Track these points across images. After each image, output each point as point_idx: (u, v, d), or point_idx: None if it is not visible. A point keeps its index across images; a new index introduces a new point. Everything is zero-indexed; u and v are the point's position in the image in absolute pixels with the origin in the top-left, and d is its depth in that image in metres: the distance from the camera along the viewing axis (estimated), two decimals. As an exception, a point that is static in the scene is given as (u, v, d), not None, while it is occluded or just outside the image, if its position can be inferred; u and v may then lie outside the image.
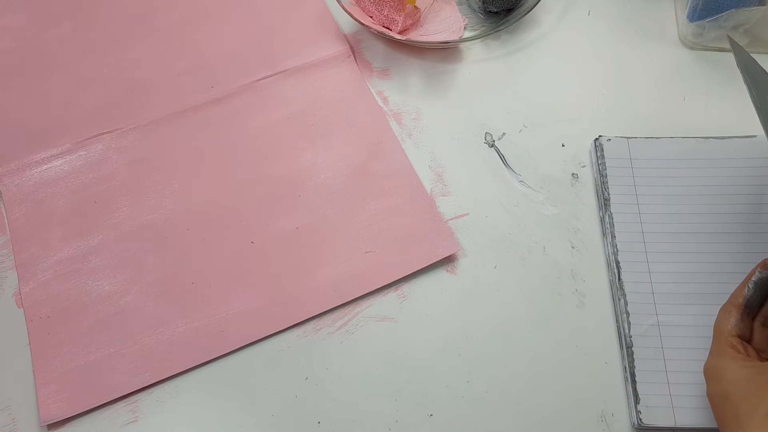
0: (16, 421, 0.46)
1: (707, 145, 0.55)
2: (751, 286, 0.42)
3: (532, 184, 0.56)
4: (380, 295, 0.51)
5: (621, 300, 0.49)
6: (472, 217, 0.54)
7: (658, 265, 0.50)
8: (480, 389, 0.47)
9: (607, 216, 0.52)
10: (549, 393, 0.47)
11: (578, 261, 0.52)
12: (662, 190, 0.53)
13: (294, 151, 0.57)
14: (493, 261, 0.52)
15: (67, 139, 0.57)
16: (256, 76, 0.61)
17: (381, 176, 0.55)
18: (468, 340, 0.49)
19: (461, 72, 0.62)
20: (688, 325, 0.48)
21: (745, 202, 0.52)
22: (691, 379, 0.45)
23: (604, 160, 0.54)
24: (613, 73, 0.62)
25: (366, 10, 0.62)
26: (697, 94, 0.60)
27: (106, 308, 0.50)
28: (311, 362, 0.48)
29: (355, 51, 0.63)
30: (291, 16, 0.65)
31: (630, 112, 0.59)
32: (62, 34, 0.64)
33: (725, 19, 0.58)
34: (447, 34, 0.62)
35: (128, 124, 0.58)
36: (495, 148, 0.58)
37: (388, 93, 0.61)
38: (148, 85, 0.61)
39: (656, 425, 0.44)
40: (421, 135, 0.58)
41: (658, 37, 0.64)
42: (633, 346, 0.47)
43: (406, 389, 0.47)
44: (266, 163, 0.56)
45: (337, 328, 0.49)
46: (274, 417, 0.46)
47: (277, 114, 0.59)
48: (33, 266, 0.51)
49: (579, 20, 0.65)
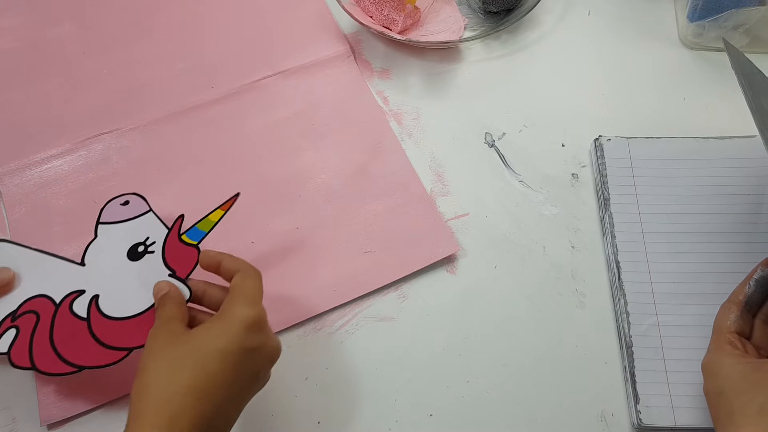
0: (16, 421, 0.46)
1: (707, 145, 0.55)
2: (752, 284, 0.43)
3: (532, 184, 0.56)
4: (380, 295, 0.51)
5: (621, 300, 0.49)
6: (472, 217, 0.54)
7: (658, 265, 0.50)
8: (480, 389, 0.47)
9: (607, 216, 0.52)
10: (549, 393, 0.47)
11: (578, 261, 0.52)
12: (662, 190, 0.53)
13: (294, 151, 0.57)
14: (493, 261, 0.52)
15: (67, 139, 0.57)
16: (256, 76, 0.61)
17: (381, 176, 0.55)
18: (468, 340, 0.49)
19: (461, 72, 0.62)
20: (688, 324, 0.48)
21: (745, 202, 0.52)
22: (691, 379, 0.45)
23: (604, 160, 0.54)
24: (613, 73, 0.62)
25: (366, 10, 0.62)
26: (697, 94, 0.60)
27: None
28: (311, 362, 0.48)
29: (355, 51, 0.63)
30: (291, 16, 0.65)
31: (630, 112, 0.59)
32: (62, 34, 0.64)
33: (725, 19, 0.59)
34: (447, 34, 0.62)
35: (128, 124, 0.58)
36: (495, 148, 0.58)
37: (388, 93, 0.61)
38: (148, 85, 0.61)
39: (656, 425, 0.44)
40: (421, 135, 0.58)
41: (658, 37, 0.64)
42: (633, 346, 0.47)
43: (406, 389, 0.47)
44: (266, 163, 0.56)
45: (337, 328, 0.49)
46: (274, 417, 0.46)
47: (277, 114, 0.59)
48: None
49: (579, 20, 0.65)
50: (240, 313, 0.38)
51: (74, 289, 0.45)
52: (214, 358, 0.37)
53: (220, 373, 0.36)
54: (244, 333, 0.38)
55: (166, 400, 0.35)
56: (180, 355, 0.37)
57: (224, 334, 0.38)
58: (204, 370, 0.36)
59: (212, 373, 0.36)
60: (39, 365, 0.43)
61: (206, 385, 0.36)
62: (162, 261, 0.46)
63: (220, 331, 0.38)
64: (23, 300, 0.44)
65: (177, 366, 0.36)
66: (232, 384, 0.37)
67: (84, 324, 0.44)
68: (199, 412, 0.35)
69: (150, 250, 0.46)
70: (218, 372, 0.36)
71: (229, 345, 0.37)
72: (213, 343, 0.37)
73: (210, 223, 0.46)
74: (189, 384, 0.36)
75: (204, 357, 0.37)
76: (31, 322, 0.44)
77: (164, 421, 0.34)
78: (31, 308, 0.44)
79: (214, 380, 0.36)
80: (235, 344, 0.37)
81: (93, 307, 0.44)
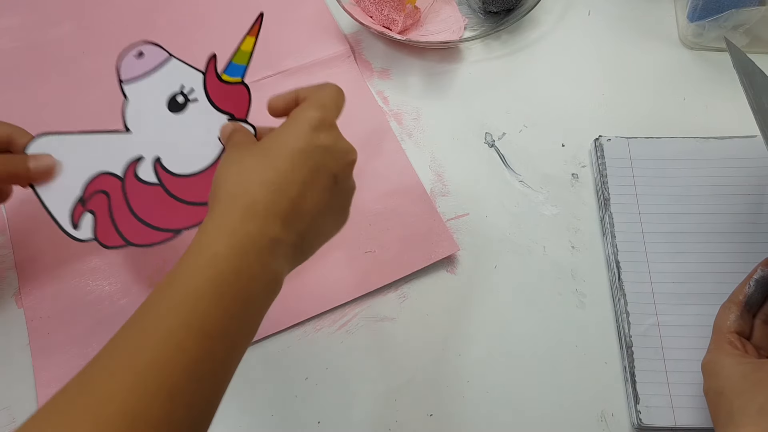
0: (16, 421, 0.46)
1: (707, 145, 0.55)
2: (752, 283, 0.43)
3: (532, 184, 0.55)
4: (380, 295, 0.51)
5: (621, 300, 0.49)
6: (472, 217, 0.54)
7: (658, 265, 0.50)
8: (480, 389, 0.47)
9: (607, 216, 0.52)
10: (549, 393, 0.47)
11: (578, 261, 0.52)
12: (662, 190, 0.53)
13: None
14: (493, 261, 0.52)
15: (67, 139, 0.57)
16: (255, 76, 0.61)
17: (381, 176, 0.55)
18: (468, 339, 0.49)
19: (461, 72, 0.62)
20: (688, 325, 0.48)
21: (745, 202, 0.52)
22: (691, 379, 0.45)
23: (605, 160, 0.54)
24: (614, 73, 0.62)
25: (366, 10, 0.62)
26: (697, 94, 0.60)
27: (106, 308, 0.50)
28: (311, 362, 0.48)
29: (355, 51, 0.63)
30: (291, 16, 0.65)
31: (630, 112, 0.59)
32: (62, 34, 0.64)
33: (725, 19, 0.58)
34: (447, 34, 0.62)
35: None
36: (495, 148, 0.58)
37: (388, 93, 0.61)
38: (148, 85, 0.61)
39: (656, 425, 0.44)
40: (421, 135, 0.58)
41: (658, 37, 0.64)
42: (633, 346, 0.47)
43: (406, 389, 0.47)
44: (266, 162, 0.56)
45: (337, 328, 0.49)
46: (274, 417, 0.46)
47: (277, 114, 0.59)
48: (33, 266, 0.51)
49: (579, 20, 0.65)
50: (306, 114, 0.37)
51: (131, 158, 0.43)
52: (282, 155, 0.35)
53: (290, 168, 0.35)
54: (311, 131, 0.36)
55: (238, 192, 0.34)
56: (249, 160, 0.36)
57: (291, 133, 0.36)
58: (273, 167, 0.35)
59: (282, 169, 0.35)
60: (132, 239, 0.42)
61: (277, 179, 0.34)
62: (211, 105, 0.43)
63: (286, 132, 0.36)
64: (84, 183, 0.43)
65: (247, 168, 0.35)
66: (305, 183, 0.35)
67: (158, 188, 0.43)
68: (274, 203, 0.34)
69: (191, 98, 0.43)
70: (288, 168, 0.35)
71: (297, 142, 0.36)
72: (279, 142, 0.36)
73: (245, 54, 0.44)
74: (260, 179, 0.34)
75: (272, 156, 0.35)
76: (104, 202, 0.42)
77: (239, 209, 0.33)
78: (97, 188, 0.43)
79: (285, 175, 0.35)
80: (302, 141, 0.36)
81: (159, 169, 0.43)
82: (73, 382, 0.28)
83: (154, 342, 0.28)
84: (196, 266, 0.31)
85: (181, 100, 0.43)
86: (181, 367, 0.28)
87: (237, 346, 0.32)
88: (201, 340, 0.29)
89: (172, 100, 0.43)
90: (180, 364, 0.28)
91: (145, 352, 0.28)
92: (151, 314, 0.30)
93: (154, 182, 0.43)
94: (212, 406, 0.30)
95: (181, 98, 0.43)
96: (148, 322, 0.30)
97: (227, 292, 0.31)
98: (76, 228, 0.42)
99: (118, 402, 0.27)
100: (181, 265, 0.32)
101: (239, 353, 0.32)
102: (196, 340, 0.29)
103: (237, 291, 0.31)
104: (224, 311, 0.30)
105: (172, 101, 0.43)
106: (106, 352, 0.29)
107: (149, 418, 0.27)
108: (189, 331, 0.29)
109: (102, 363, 0.29)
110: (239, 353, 0.32)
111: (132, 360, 0.28)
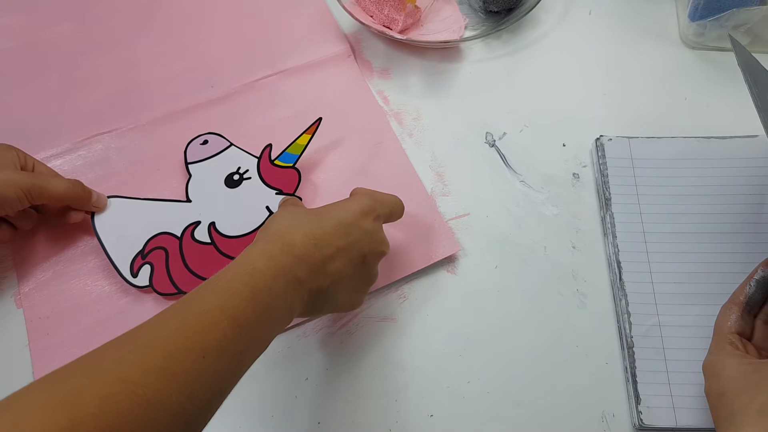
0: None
1: (709, 145, 0.55)
2: (753, 284, 0.43)
3: (533, 184, 0.55)
4: (380, 295, 0.51)
5: (622, 300, 0.49)
6: (472, 217, 0.54)
7: (660, 265, 0.50)
8: (480, 389, 0.47)
9: (608, 216, 0.52)
10: (549, 393, 0.47)
11: (579, 261, 0.52)
12: (663, 190, 0.53)
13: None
14: (494, 261, 0.52)
15: (67, 138, 0.57)
16: (256, 75, 0.61)
17: (381, 176, 0.55)
18: (468, 340, 0.49)
19: (462, 72, 0.62)
20: (689, 325, 0.47)
21: (747, 202, 0.52)
22: (692, 380, 0.45)
23: (605, 159, 0.54)
24: (615, 72, 0.62)
25: (366, 9, 0.62)
26: (698, 93, 0.60)
27: (106, 308, 0.50)
28: (311, 362, 0.48)
29: (355, 50, 0.63)
30: (291, 16, 0.65)
31: (631, 111, 0.59)
32: (62, 34, 0.64)
33: (726, 19, 0.58)
34: (447, 34, 0.62)
35: (128, 123, 0.58)
36: (496, 147, 0.58)
37: (389, 93, 0.61)
38: (147, 84, 0.61)
39: (657, 425, 0.44)
40: (422, 135, 0.58)
41: (659, 36, 0.64)
42: (634, 346, 0.47)
43: (406, 389, 0.47)
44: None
45: (338, 328, 0.49)
46: (274, 417, 0.46)
47: (277, 113, 0.59)
48: (33, 266, 0.51)
49: (580, 20, 0.65)
50: (363, 199, 0.43)
51: (190, 222, 0.51)
52: (330, 222, 0.41)
53: (332, 233, 0.40)
54: (360, 214, 0.42)
55: (284, 232, 0.39)
56: (301, 216, 0.41)
57: (343, 209, 0.42)
58: (318, 226, 0.40)
59: (325, 231, 0.40)
60: (184, 288, 0.49)
61: (318, 236, 0.39)
62: (263, 183, 0.52)
63: (340, 206, 0.42)
64: (146, 240, 0.50)
65: (298, 220, 0.41)
66: (340, 249, 0.40)
67: (210, 247, 0.50)
68: (309, 252, 0.39)
69: (246, 177, 0.53)
70: (330, 232, 0.40)
71: (346, 217, 0.41)
72: (331, 211, 0.42)
73: (299, 147, 0.53)
74: (304, 231, 0.39)
75: (321, 219, 0.41)
76: (162, 256, 0.50)
77: (281, 244, 0.38)
78: (157, 245, 0.50)
79: (325, 237, 0.40)
80: (350, 218, 0.41)
81: (213, 232, 0.51)
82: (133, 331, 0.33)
83: (194, 314, 0.34)
84: (239, 273, 0.37)
85: (236, 178, 0.53)
86: (212, 337, 0.33)
87: (253, 346, 0.36)
88: (231, 324, 0.34)
89: (228, 177, 0.53)
90: (211, 334, 0.33)
91: (187, 319, 0.34)
92: (194, 298, 0.35)
93: (207, 242, 0.51)
94: (229, 384, 0.35)
95: (236, 177, 0.53)
96: (192, 302, 0.35)
97: (258, 298, 0.36)
98: (135, 276, 0.49)
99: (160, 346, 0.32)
100: (226, 272, 0.37)
101: (252, 355, 0.36)
102: (227, 322, 0.34)
103: (265, 299, 0.36)
104: (253, 310, 0.35)
105: (228, 178, 0.53)
106: (157, 318, 0.34)
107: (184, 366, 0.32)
108: (223, 313, 0.34)
109: (150, 322, 0.34)
110: (252, 355, 0.36)
111: (173, 322, 0.34)
